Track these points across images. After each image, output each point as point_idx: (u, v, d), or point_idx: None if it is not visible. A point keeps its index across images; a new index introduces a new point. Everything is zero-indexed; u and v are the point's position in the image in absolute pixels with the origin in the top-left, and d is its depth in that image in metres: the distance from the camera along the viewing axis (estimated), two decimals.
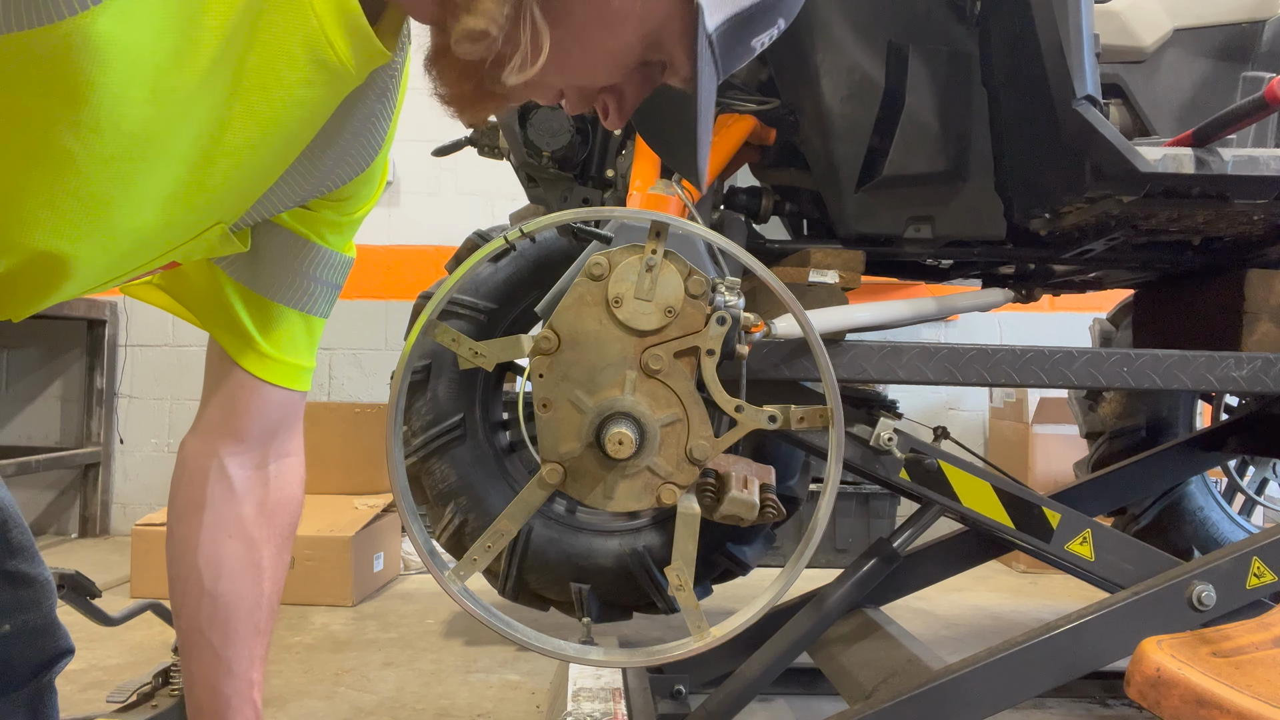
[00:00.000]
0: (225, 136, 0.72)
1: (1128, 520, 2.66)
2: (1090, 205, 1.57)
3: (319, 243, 0.94)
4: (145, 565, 2.97)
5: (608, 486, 0.96)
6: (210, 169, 0.74)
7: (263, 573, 1.00)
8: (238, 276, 0.93)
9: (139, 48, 0.63)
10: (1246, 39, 1.70)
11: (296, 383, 0.99)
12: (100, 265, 0.78)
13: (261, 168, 0.79)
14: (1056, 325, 4.17)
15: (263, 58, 0.69)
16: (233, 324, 0.94)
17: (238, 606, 0.98)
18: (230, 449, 0.98)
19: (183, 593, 0.98)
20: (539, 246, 2.23)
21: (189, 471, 0.99)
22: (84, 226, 0.72)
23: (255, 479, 1.00)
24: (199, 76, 0.67)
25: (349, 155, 0.88)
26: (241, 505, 0.99)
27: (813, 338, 0.95)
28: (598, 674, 1.61)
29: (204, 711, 1.00)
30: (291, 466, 1.04)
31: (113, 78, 0.63)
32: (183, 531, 0.98)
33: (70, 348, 4.07)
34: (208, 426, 0.98)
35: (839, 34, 1.64)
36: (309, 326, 0.99)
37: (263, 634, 1.01)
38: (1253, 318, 1.75)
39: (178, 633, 1.01)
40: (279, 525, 1.02)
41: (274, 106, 0.73)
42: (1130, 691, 1.09)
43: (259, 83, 0.71)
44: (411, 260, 4.03)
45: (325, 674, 2.31)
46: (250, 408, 0.97)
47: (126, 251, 0.78)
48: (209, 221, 0.81)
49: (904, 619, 1.92)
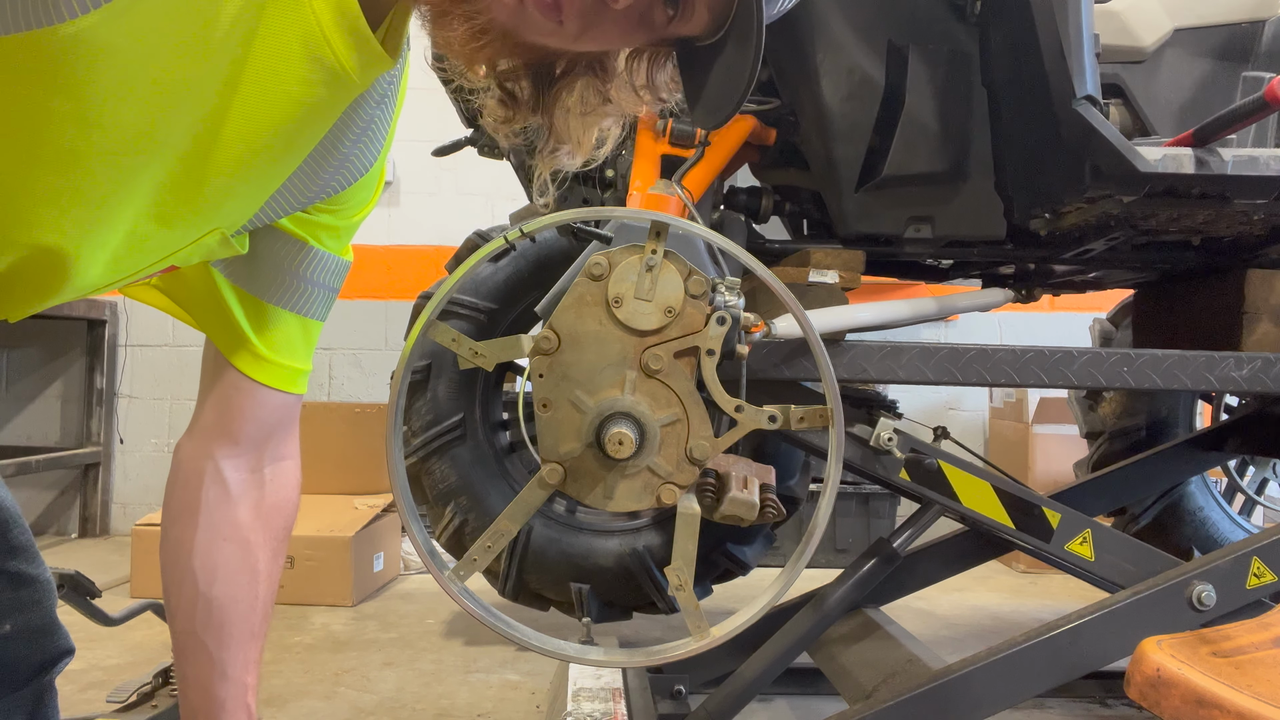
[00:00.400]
0: (222, 130, 0.72)
1: (1128, 520, 2.66)
2: (1090, 205, 1.57)
3: (316, 245, 0.94)
4: (145, 565, 2.97)
5: (608, 486, 0.97)
6: (207, 164, 0.74)
7: (258, 576, 1.00)
8: (234, 279, 0.93)
9: (140, 44, 0.63)
10: (1246, 39, 1.70)
11: (292, 385, 0.99)
12: (99, 266, 0.77)
13: (262, 173, 0.79)
14: (1056, 325, 4.17)
15: (261, 55, 0.69)
16: (229, 326, 0.94)
17: (233, 610, 0.98)
18: (225, 452, 0.98)
19: (177, 596, 0.98)
20: (539, 246, 2.23)
21: (184, 474, 0.98)
22: (84, 223, 0.72)
23: (251, 482, 1.00)
24: (197, 69, 0.67)
25: (350, 161, 0.87)
26: (237, 508, 0.99)
27: (813, 338, 0.95)
28: (598, 674, 1.61)
29: (198, 714, 0.99)
30: (287, 470, 1.04)
31: (115, 74, 0.63)
32: (177, 534, 0.98)
33: (70, 348, 4.08)
34: (203, 429, 0.98)
35: (839, 34, 1.64)
36: (305, 330, 0.98)
37: (257, 637, 1.01)
38: (1252, 318, 1.75)
39: (172, 635, 1.00)
40: (274, 529, 1.02)
41: (272, 105, 0.72)
42: (1130, 691, 1.09)
43: (256, 79, 0.70)
44: (411, 260, 4.03)
45: (325, 674, 2.31)
46: (245, 410, 0.97)
47: (124, 252, 0.77)
48: (207, 227, 0.81)
49: (904, 619, 1.92)
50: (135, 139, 0.68)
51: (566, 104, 0.81)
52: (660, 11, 0.72)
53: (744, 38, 0.71)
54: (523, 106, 0.82)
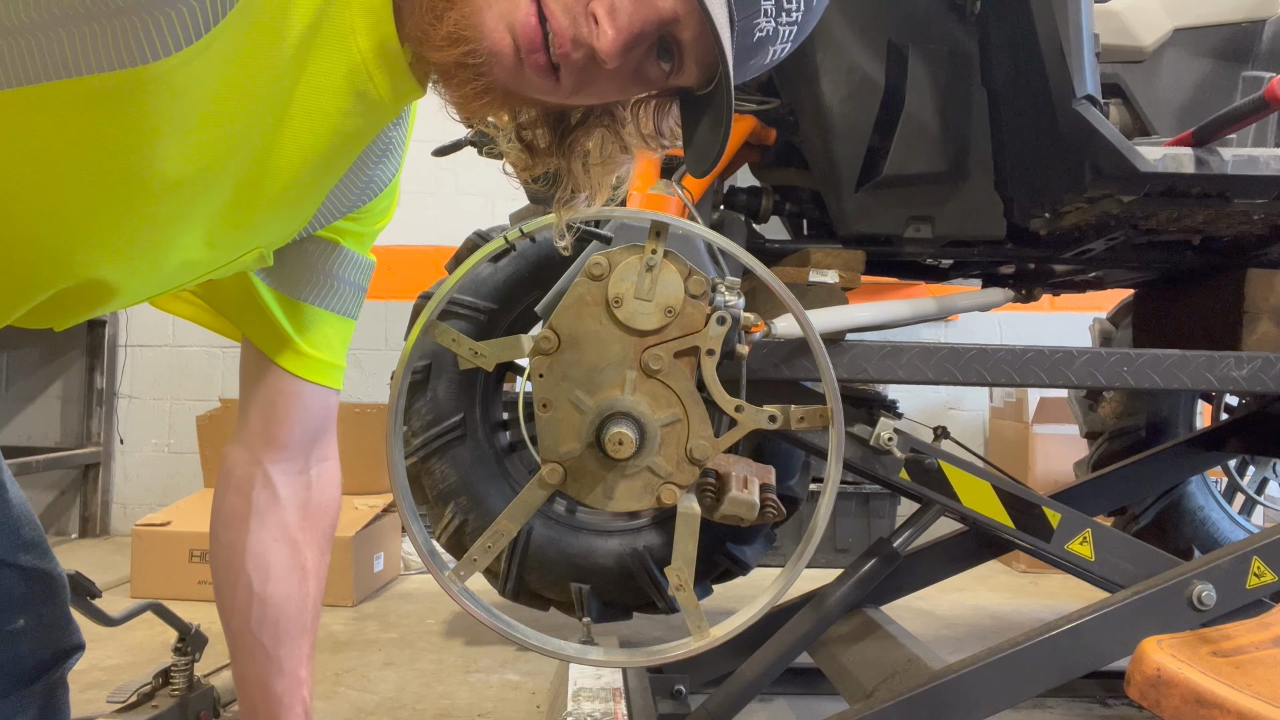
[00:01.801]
0: (271, 160, 0.75)
1: (1128, 520, 2.66)
2: (1090, 205, 1.57)
3: (344, 244, 0.98)
4: (145, 565, 2.97)
5: (608, 486, 0.97)
6: (257, 193, 0.77)
7: (307, 574, 1.04)
8: (270, 281, 0.96)
9: (207, 84, 0.66)
10: (1246, 38, 1.70)
11: (334, 380, 1.02)
12: (148, 286, 0.81)
13: (304, 197, 0.83)
14: (1056, 325, 4.16)
15: (309, 88, 0.73)
16: (270, 326, 0.97)
17: (286, 607, 1.01)
18: (273, 457, 1.01)
19: (232, 597, 1.01)
20: (539, 246, 2.23)
21: (235, 481, 1.02)
22: (143, 250, 0.75)
23: (298, 484, 1.03)
24: (255, 105, 0.70)
25: (376, 178, 0.92)
26: (286, 511, 1.02)
27: (813, 337, 0.95)
28: (598, 674, 1.61)
29: (258, 710, 1.02)
30: (330, 470, 1.07)
31: (182, 111, 0.66)
32: (230, 538, 1.01)
33: (70, 348, 4.07)
34: (250, 436, 1.01)
35: (839, 34, 1.64)
36: (340, 327, 1.02)
37: (309, 633, 1.04)
38: (1252, 317, 1.75)
39: (228, 636, 1.03)
40: (321, 528, 1.06)
41: (316, 135, 0.76)
42: (1130, 691, 1.09)
43: (303, 111, 0.74)
44: (411, 260, 4.02)
45: (326, 674, 2.31)
46: (291, 414, 1.00)
47: (172, 274, 0.81)
48: (249, 248, 0.84)
49: (904, 619, 1.92)
50: (196, 173, 0.71)
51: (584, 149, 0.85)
52: (654, 67, 0.75)
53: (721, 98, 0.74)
54: (541, 154, 0.85)
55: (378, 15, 0.73)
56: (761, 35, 0.74)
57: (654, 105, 0.84)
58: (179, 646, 1.65)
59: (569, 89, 0.74)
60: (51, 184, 0.68)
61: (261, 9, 0.67)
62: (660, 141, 0.86)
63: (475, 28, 0.70)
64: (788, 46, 0.77)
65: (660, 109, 0.84)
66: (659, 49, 0.74)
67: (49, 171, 0.67)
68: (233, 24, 0.65)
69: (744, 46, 0.74)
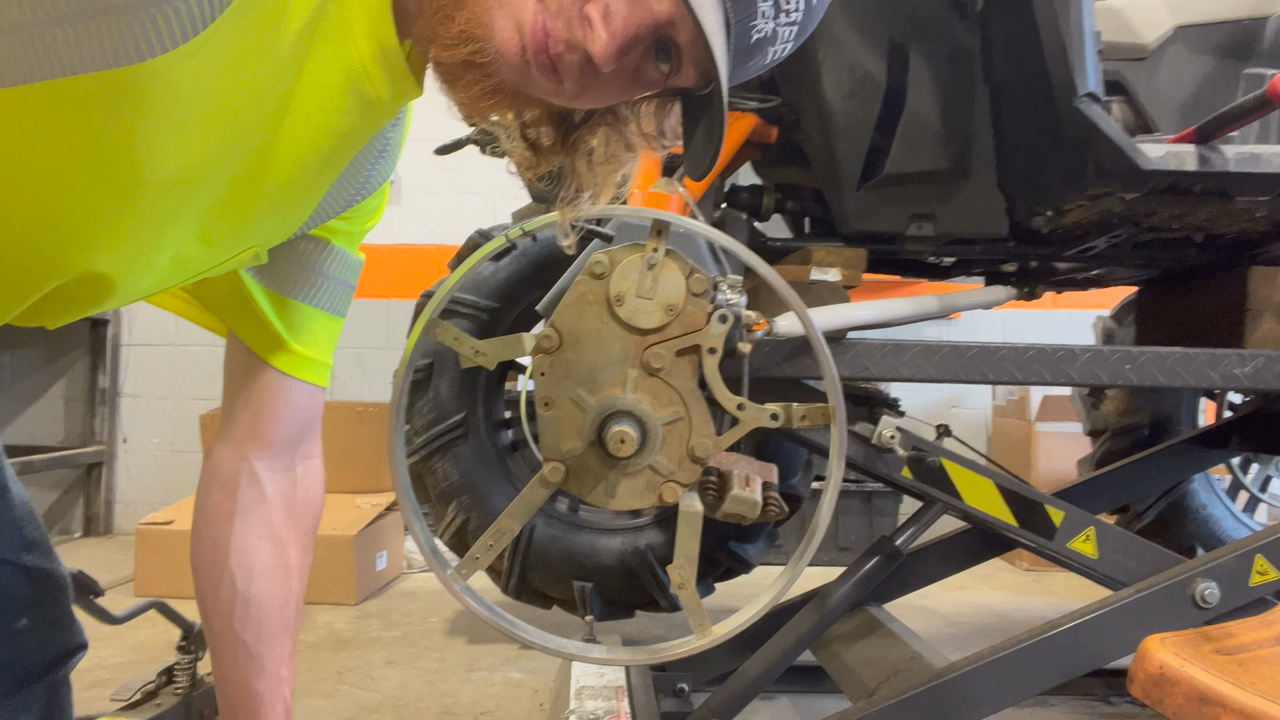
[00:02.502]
0: (269, 159, 0.75)
1: (1131, 518, 2.66)
2: (1092, 203, 1.57)
3: (335, 242, 0.97)
4: (148, 564, 2.97)
5: (610, 485, 0.97)
6: (254, 191, 0.77)
7: (291, 572, 1.03)
8: (260, 279, 0.96)
9: (203, 81, 0.66)
10: (1248, 36, 1.70)
11: (321, 378, 1.02)
12: (143, 283, 0.81)
13: (300, 196, 0.83)
14: (1059, 323, 4.16)
15: (307, 87, 0.73)
16: (259, 323, 0.97)
17: (269, 606, 1.01)
18: (260, 454, 1.01)
19: (214, 595, 1.01)
20: (540, 245, 2.23)
21: (220, 477, 1.01)
22: (136, 248, 0.75)
23: (284, 481, 1.03)
24: (252, 103, 0.70)
25: (372, 178, 0.92)
26: (271, 508, 1.02)
27: (814, 336, 0.95)
28: (600, 672, 1.61)
29: (239, 709, 1.02)
30: (314, 468, 1.07)
31: (178, 109, 0.66)
32: (214, 536, 1.01)
33: (73, 347, 4.08)
34: (236, 433, 1.01)
35: (840, 32, 1.64)
36: (329, 325, 1.02)
37: (291, 632, 1.04)
38: (1255, 315, 1.74)
39: (208, 635, 1.03)
40: (304, 526, 1.06)
41: (314, 134, 0.76)
42: (1133, 689, 1.09)
43: (301, 110, 0.74)
44: (413, 259, 4.02)
45: (328, 672, 2.31)
46: (278, 412, 1.00)
47: (166, 273, 0.81)
48: (245, 246, 0.84)
49: (907, 617, 1.92)
50: (192, 170, 0.71)
51: (589, 147, 0.85)
52: (654, 68, 0.75)
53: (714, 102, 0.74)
54: (545, 152, 0.85)
55: (377, 14, 0.73)
56: (760, 36, 0.74)
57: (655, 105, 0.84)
58: (182, 645, 1.65)
59: (571, 92, 0.74)
60: (46, 182, 0.68)
61: (259, 7, 0.67)
62: (662, 141, 0.86)
63: (485, 26, 0.70)
64: (788, 47, 0.77)
65: (661, 109, 0.84)
66: (657, 50, 0.74)
67: (43, 170, 0.67)
68: (229, 21, 0.65)
69: (741, 48, 0.74)
